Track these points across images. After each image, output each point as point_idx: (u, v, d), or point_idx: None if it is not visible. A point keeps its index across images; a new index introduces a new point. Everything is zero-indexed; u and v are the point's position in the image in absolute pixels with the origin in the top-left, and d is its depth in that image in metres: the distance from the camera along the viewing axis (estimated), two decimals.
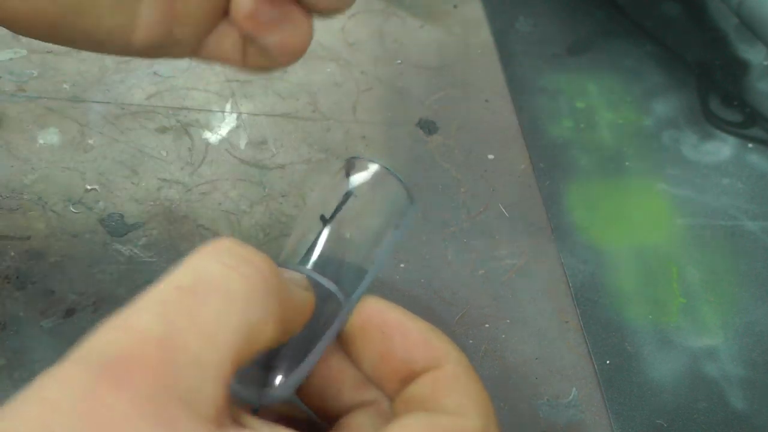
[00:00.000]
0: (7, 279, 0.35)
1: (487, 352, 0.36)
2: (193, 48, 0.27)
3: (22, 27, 0.25)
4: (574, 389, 0.35)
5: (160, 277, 0.19)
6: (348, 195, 0.25)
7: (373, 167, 0.25)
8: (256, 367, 0.22)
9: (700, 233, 0.42)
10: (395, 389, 0.23)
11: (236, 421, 0.19)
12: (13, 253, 0.36)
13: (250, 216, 0.39)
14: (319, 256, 0.24)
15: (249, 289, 0.19)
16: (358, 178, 0.26)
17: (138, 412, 0.16)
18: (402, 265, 0.38)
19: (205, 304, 0.18)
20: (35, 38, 0.26)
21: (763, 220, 0.42)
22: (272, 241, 0.38)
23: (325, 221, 0.25)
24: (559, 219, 0.42)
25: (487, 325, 0.37)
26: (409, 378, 0.23)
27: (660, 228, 0.42)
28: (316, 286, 0.23)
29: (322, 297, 0.23)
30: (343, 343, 0.24)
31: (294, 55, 0.27)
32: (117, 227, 0.38)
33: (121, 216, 0.38)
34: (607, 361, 0.36)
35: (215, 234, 0.38)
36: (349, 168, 0.26)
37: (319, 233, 0.25)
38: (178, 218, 0.38)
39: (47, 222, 0.37)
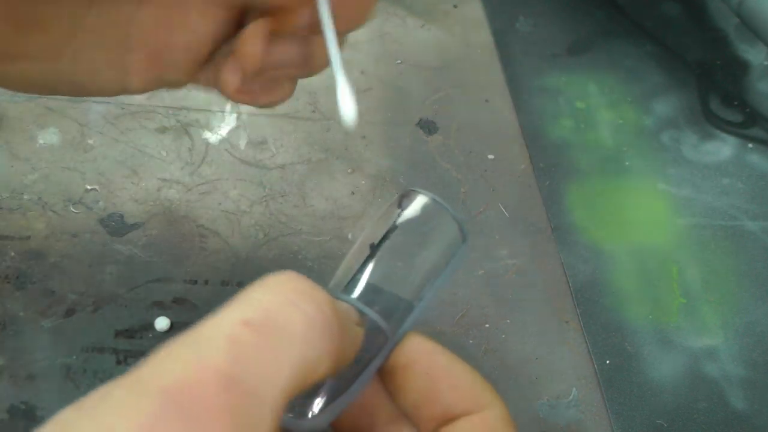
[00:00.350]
0: (7, 279, 0.35)
1: (487, 352, 0.36)
2: (188, 82, 0.29)
3: (19, 89, 0.27)
4: (574, 389, 0.35)
5: (222, 307, 0.19)
6: (395, 227, 0.25)
7: (426, 200, 0.25)
8: (298, 398, 0.22)
9: (700, 233, 0.42)
10: (431, 429, 0.23)
11: None
12: (13, 253, 0.36)
13: (250, 216, 0.39)
14: (366, 286, 0.24)
15: (309, 327, 0.19)
16: (409, 211, 0.25)
17: None
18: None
19: (270, 342, 0.18)
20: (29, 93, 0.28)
21: (763, 220, 0.42)
22: (272, 241, 0.38)
23: (372, 250, 0.25)
24: (559, 219, 0.42)
25: (487, 325, 0.37)
26: (449, 420, 0.23)
27: (660, 228, 0.42)
28: (363, 317, 0.23)
29: (370, 329, 0.23)
30: (382, 377, 0.24)
31: (281, 102, 0.29)
32: (117, 227, 0.38)
33: (121, 216, 0.38)
34: (607, 361, 0.36)
35: (215, 234, 0.38)
36: (403, 199, 0.26)
37: (366, 262, 0.24)
38: (178, 218, 0.38)
39: (47, 222, 0.37)
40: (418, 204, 0.25)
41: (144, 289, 0.35)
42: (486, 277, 0.39)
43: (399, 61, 0.49)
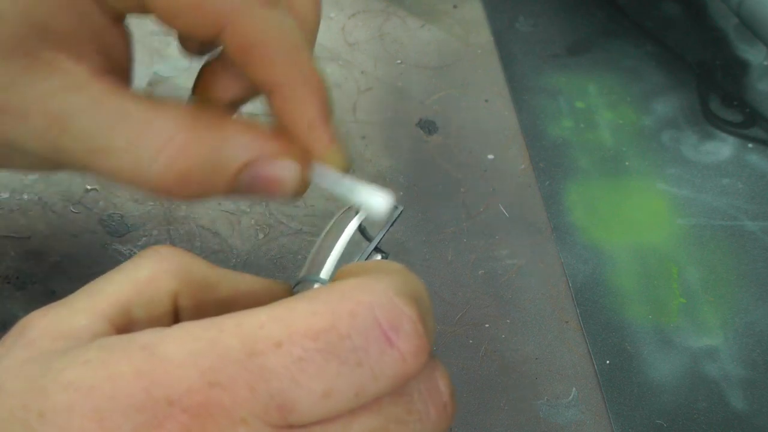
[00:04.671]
0: (7, 279, 0.35)
1: (487, 352, 0.36)
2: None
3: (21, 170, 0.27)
4: (574, 389, 0.35)
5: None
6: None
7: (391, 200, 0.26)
8: None
9: (700, 233, 0.42)
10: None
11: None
12: (13, 253, 0.36)
13: (249, 216, 0.39)
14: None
15: (138, 260, 0.22)
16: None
17: None
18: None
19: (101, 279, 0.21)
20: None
21: (763, 220, 0.42)
22: (272, 241, 0.38)
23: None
24: (559, 219, 0.42)
25: (487, 325, 0.37)
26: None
27: (660, 228, 0.42)
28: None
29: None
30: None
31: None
32: (117, 227, 0.38)
33: (121, 216, 0.38)
34: (607, 361, 0.36)
35: (215, 234, 0.38)
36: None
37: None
38: (178, 218, 0.38)
39: (47, 222, 0.37)
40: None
41: None
42: (486, 277, 0.39)
43: (399, 61, 0.49)
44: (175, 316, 0.22)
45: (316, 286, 0.24)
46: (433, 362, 0.19)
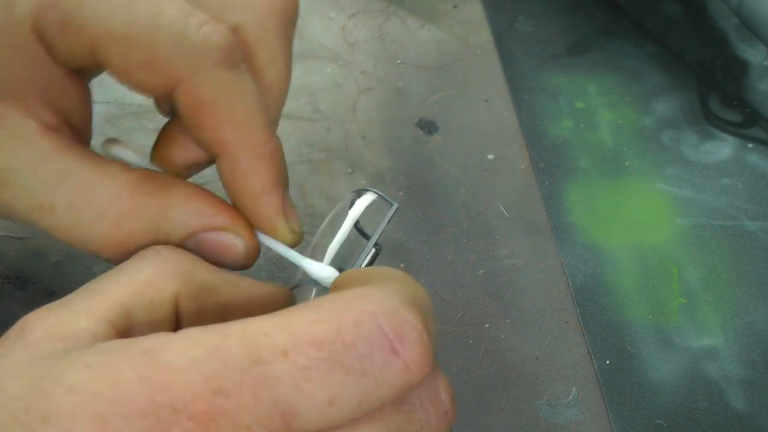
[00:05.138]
0: (7, 279, 0.35)
1: (487, 352, 0.36)
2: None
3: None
4: (574, 389, 0.35)
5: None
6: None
7: (372, 197, 0.26)
8: None
9: (700, 233, 0.42)
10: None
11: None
12: (13, 253, 0.36)
13: None
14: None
15: (137, 261, 0.22)
16: (357, 209, 0.26)
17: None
18: (402, 265, 0.38)
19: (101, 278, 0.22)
20: None
21: (763, 220, 0.42)
22: None
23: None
24: (559, 219, 0.42)
25: (487, 325, 0.37)
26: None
27: (660, 228, 0.42)
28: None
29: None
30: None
31: None
32: None
33: None
34: (607, 361, 0.36)
35: None
36: (354, 198, 0.27)
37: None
38: None
39: None
40: (364, 202, 0.26)
41: None
42: (486, 277, 0.39)
43: (399, 61, 0.49)
44: (176, 320, 0.22)
45: (314, 291, 0.24)
46: (435, 370, 0.19)
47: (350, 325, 0.17)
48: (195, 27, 0.22)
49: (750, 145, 0.46)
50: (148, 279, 0.21)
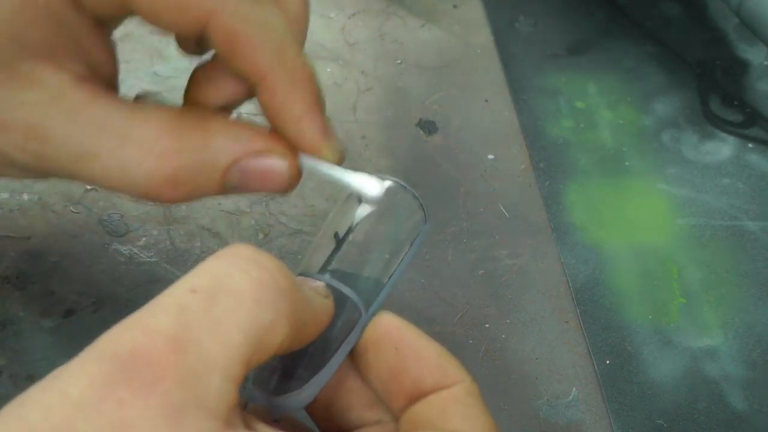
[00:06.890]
0: (7, 279, 0.35)
1: (487, 352, 0.36)
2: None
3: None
4: (574, 389, 0.35)
5: (175, 280, 0.19)
6: (362, 213, 0.26)
7: (388, 184, 0.26)
8: (276, 375, 0.22)
9: (700, 233, 0.42)
10: (403, 407, 0.23)
11: (248, 426, 0.19)
12: (13, 253, 0.36)
13: (249, 216, 0.39)
14: (337, 269, 0.24)
15: (259, 291, 0.19)
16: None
17: (154, 409, 0.16)
18: None
19: (217, 305, 0.19)
20: None
21: (763, 220, 0.42)
22: (272, 241, 0.38)
23: (338, 238, 0.25)
24: (559, 219, 0.42)
25: (487, 325, 0.37)
26: (418, 397, 0.23)
27: (660, 228, 0.42)
28: (336, 293, 0.23)
29: (341, 305, 0.23)
30: (354, 357, 0.24)
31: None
32: (117, 227, 0.38)
33: (121, 216, 0.38)
34: (607, 361, 0.36)
35: (215, 234, 0.38)
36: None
37: (336, 247, 0.25)
38: (178, 218, 0.38)
39: (47, 222, 0.37)
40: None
41: (144, 289, 0.35)
42: (486, 277, 0.39)
43: (399, 61, 0.49)
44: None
45: (317, 283, 0.24)
46: None
47: None
48: None
49: (750, 145, 0.46)
50: (270, 324, 0.19)
